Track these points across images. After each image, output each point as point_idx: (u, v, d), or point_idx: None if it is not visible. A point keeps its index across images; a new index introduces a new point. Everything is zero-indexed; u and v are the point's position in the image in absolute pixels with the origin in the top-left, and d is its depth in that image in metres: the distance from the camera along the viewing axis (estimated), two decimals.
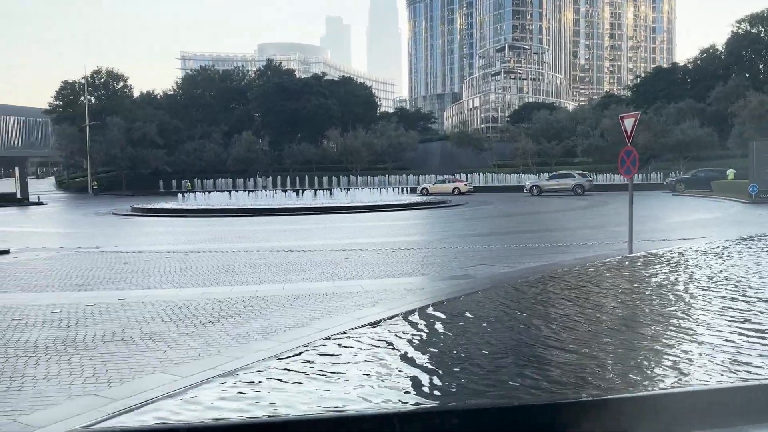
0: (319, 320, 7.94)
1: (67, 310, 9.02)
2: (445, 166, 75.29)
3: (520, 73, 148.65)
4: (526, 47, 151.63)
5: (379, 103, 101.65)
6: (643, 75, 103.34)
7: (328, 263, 13.54)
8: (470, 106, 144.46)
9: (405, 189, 50.14)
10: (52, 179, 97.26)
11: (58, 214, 38.56)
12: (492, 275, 11.16)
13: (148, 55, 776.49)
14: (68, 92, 76.70)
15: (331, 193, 44.71)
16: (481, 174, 68.76)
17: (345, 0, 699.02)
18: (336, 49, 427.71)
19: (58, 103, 77.41)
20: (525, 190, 48.73)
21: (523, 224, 25.43)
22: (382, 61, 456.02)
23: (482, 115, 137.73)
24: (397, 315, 7.70)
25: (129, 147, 67.94)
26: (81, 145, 68.09)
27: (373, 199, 40.55)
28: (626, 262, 11.56)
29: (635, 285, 9.33)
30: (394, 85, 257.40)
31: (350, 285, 10.75)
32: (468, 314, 7.63)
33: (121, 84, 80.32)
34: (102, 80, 78.43)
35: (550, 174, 51.58)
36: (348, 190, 48.08)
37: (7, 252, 16.80)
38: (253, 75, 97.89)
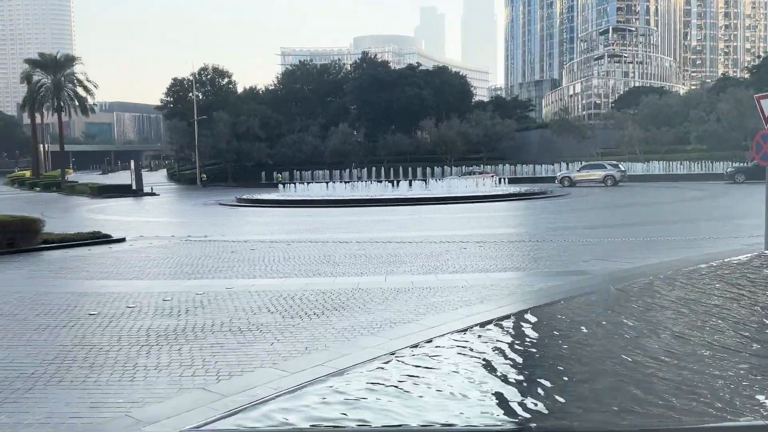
0: (425, 316, 7.57)
1: (177, 298, 9.21)
2: (544, 155, 72.72)
3: (625, 57, 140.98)
4: (632, 29, 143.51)
5: (473, 92, 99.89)
6: (763, 55, 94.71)
7: (429, 255, 13.16)
8: (571, 92, 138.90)
9: (503, 179, 48.66)
10: (164, 171, 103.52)
11: (169, 205, 40.78)
12: (610, 272, 10.33)
13: (251, 52, 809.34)
14: (178, 89, 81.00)
15: (426, 184, 44.32)
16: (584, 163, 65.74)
17: None
18: (430, 39, 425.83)
19: (168, 99, 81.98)
20: (556, 182, 47.48)
21: (634, 216, 23.83)
22: (477, 50, 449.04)
23: (584, 102, 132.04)
24: (509, 315, 7.15)
25: (234, 140, 70.89)
26: (190, 139, 71.84)
27: (470, 189, 39.74)
28: None
29: None
30: (488, 73, 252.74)
31: (454, 279, 10.30)
32: (592, 318, 6.97)
33: (226, 80, 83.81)
34: (208, 77, 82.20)
35: (582, 164, 50.13)
36: (443, 180, 47.48)
37: (123, 240, 17.75)
38: (349, 68, 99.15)
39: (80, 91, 70.01)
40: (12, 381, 5.45)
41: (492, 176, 52.36)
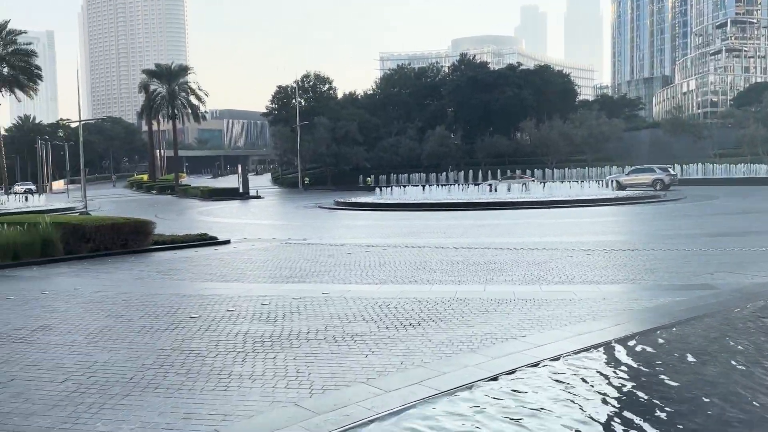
0: (530, 332, 7.00)
1: (275, 302, 9.19)
2: (655, 156, 68.38)
3: (745, 51, 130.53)
4: (753, 21, 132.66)
5: (577, 90, 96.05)
6: None
7: (532, 263, 12.45)
8: (684, 89, 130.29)
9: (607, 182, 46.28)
10: (268, 175, 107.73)
11: (272, 207, 42.12)
12: (740, 287, 9.21)
13: (351, 59, 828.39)
14: (282, 96, 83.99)
15: (526, 187, 42.92)
16: (699, 165, 61.26)
17: None
18: (531, 38, 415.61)
19: (273, 106, 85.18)
20: (605, 186, 45.92)
21: (760, 223, 21.63)
22: (581, 48, 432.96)
23: (699, 99, 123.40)
24: (628, 336, 6.45)
25: (333, 145, 72.45)
26: (293, 144, 74.17)
27: (573, 193, 38.00)
28: None
29: None
30: (593, 71, 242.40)
31: (560, 290, 9.59)
32: (725, 342, 6.10)
33: (327, 86, 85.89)
34: (310, 84, 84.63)
35: (631, 168, 49.13)
36: (544, 183, 45.81)
37: (228, 242, 18.32)
38: (446, 70, 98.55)
39: (193, 99, 74.25)
40: (111, 385, 5.50)
41: (532, 180, 50.65)
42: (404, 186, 51.60)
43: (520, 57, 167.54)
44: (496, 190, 41.94)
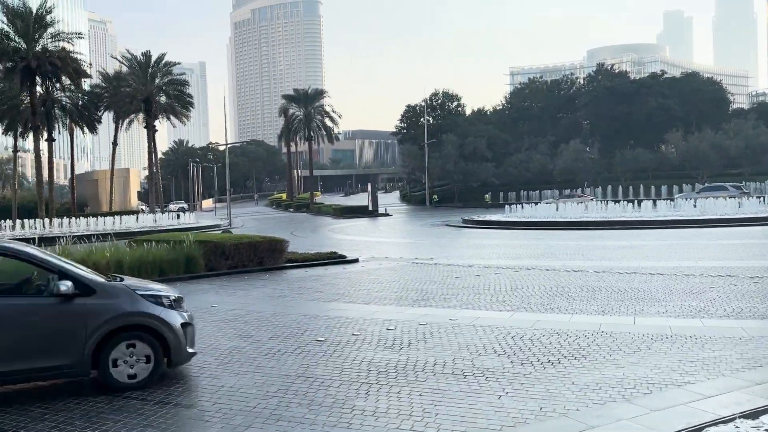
0: (694, 378, 5.99)
1: (401, 327, 8.82)
2: None
3: None
4: None
5: (730, 99, 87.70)
6: None
7: (688, 292, 11.05)
8: None
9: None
10: (397, 193, 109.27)
11: (400, 225, 42.32)
12: None
13: (480, 74, 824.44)
14: (411, 114, 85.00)
15: (673, 204, 39.42)
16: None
17: None
18: (675, 44, 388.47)
19: (402, 125, 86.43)
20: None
21: None
22: (732, 53, 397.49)
23: None
24: None
25: (461, 161, 71.81)
26: (420, 162, 74.59)
27: (731, 210, 34.25)
28: None
29: None
30: (748, 77, 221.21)
31: (726, 326, 8.31)
32: None
33: (455, 104, 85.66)
34: (439, 101, 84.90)
35: (702, 186, 46.85)
36: (695, 200, 41.86)
37: (356, 261, 18.39)
38: (581, 82, 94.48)
39: (327, 121, 77.36)
40: (234, 415, 5.37)
41: (592, 199, 46.04)
42: (535, 203, 49.66)
43: (663, 65, 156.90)
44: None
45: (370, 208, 54.36)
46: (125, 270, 14.78)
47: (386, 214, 53.04)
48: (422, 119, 79.91)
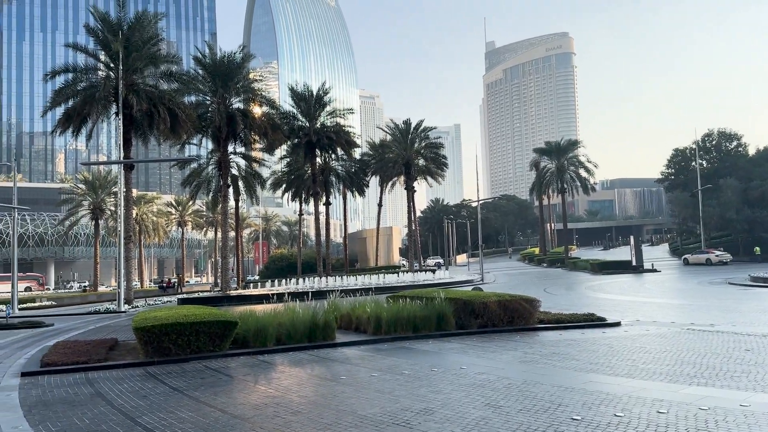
0: None
1: (675, 411, 7.48)
2: None
3: None
4: None
5: None
6: None
7: None
8: None
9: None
10: (665, 246, 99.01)
11: (670, 282, 37.80)
12: None
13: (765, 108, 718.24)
14: (679, 159, 77.17)
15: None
16: None
17: None
18: None
19: (669, 171, 78.81)
20: None
21: None
22: None
23: None
24: None
25: (746, 208, 62.38)
26: (693, 211, 66.77)
27: None
28: None
29: None
30: None
31: None
32: None
33: (735, 143, 75.40)
34: (713, 142, 75.71)
35: None
36: None
37: (617, 324, 16.67)
38: None
39: (581, 172, 74.27)
40: None
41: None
42: None
43: None
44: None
45: (634, 263, 49.92)
46: (383, 325, 15.56)
47: (653, 270, 48.16)
48: (693, 163, 72.00)
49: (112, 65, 37.21)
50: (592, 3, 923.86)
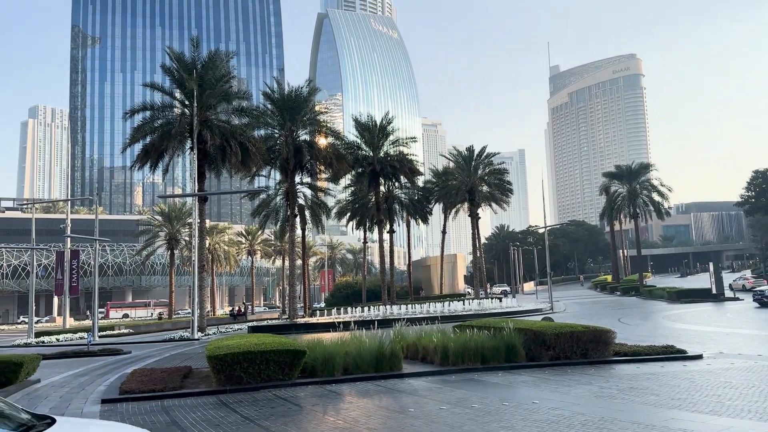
0: None
1: None
2: None
3: None
4: None
5: None
6: None
7: None
8: None
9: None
10: (747, 272, 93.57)
11: (755, 312, 35.49)
12: None
13: None
14: (760, 181, 73.32)
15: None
16: None
17: None
18: None
19: (749, 193, 74.94)
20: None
21: None
22: None
23: None
24: None
25: None
26: None
27: None
28: None
29: None
30: None
31: None
32: None
33: None
34: None
35: None
36: None
37: (699, 357, 15.79)
38: None
39: (655, 196, 71.59)
40: None
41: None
42: None
43: None
44: None
45: (714, 291, 47.30)
46: (450, 356, 15.34)
47: (735, 298, 45.50)
48: None
49: (186, 102, 39.10)
50: (658, 23, 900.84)
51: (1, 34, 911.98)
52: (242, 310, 65.90)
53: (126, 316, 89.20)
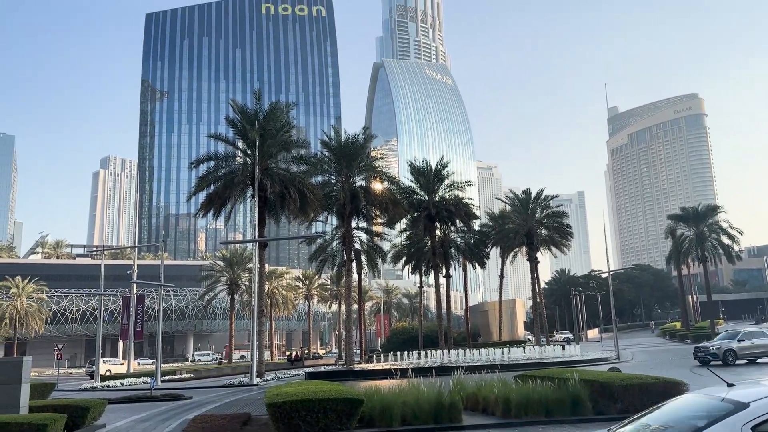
0: None
1: None
2: None
3: None
4: None
5: None
6: None
7: None
8: None
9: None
10: None
11: None
12: None
13: None
14: None
15: None
16: None
17: None
18: None
19: None
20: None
21: None
22: None
23: None
24: None
25: None
26: None
27: None
28: None
29: None
30: None
31: None
32: None
33: None
34: None
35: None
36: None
37: None
38: None
39: (724, 239, 68.51)
40: None
41: None
42: None
43: None
44: None
45: None
46: (512, 408, 14.80)
47: None
48: None
49: (248, 152, 40.50)
50: (719, 62, 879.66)
51: (77, 90, 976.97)
52: (299, 355, 66.10)
53: (242, 357, 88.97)
